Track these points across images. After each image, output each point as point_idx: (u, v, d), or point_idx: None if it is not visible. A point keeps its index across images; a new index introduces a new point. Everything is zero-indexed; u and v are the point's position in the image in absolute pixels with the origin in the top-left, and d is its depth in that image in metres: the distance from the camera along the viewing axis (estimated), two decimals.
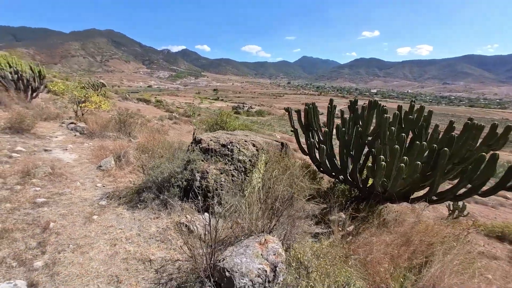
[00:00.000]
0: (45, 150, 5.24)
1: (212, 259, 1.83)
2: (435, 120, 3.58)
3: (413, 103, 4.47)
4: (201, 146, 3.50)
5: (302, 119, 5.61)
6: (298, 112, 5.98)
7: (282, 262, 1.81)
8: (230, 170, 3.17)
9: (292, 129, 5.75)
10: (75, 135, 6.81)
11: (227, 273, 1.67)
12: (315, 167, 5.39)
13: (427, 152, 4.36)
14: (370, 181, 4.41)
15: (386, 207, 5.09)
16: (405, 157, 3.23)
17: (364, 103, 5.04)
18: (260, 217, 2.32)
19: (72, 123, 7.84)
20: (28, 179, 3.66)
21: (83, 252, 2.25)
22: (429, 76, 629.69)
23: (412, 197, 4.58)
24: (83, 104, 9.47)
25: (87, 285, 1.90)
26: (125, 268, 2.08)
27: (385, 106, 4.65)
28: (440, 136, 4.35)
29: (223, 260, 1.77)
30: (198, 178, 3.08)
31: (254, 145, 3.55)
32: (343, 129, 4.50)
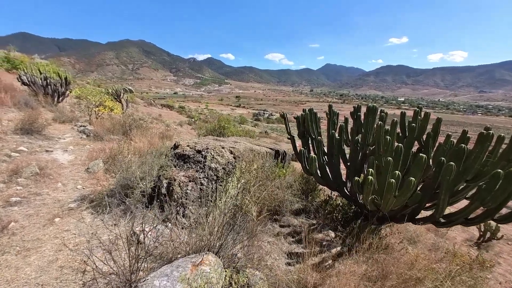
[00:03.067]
0: (47, 151, 5.44)
1: (134, 278, 1.62)
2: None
3: (417, 109, 3.98)
4: (176, 152, 3.35)
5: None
6: (297, 118, 5.67)
7: None
8: (199, 178, 2.97)
9: (289, 136, 5.45)
10: (81, 138, 7.07)
11: None
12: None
13: (433, 166, 3.85)
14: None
15: (390, 226, 4.57)
16: (396, 172, 2.80)
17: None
18: (212, 233, 2.08)
19: (82, 125, 8.19)
20: (15, 178, 3.75)
21: (25, 256, 2.18)
22: (463, 83, 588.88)
23: (418, 217, 4.06)
24: (98, 108, 9.92)
25: None
26: (56, 277, 1.96)
27: (386, 111, 4.22)
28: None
29: (144, 280, 1.56)
30: (165, 185, 2.92)
31: (231, 152, 3.33)
32: (338, 137, 4.13)
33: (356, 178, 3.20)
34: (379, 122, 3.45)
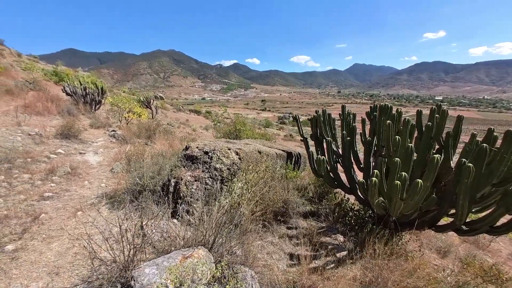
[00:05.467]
0: (80, 153, 6.04)
1: (132, 266, 1.78)
2: None
3: (435, 107, 3.72)
4: (186, 153, 3.55)
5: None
6: (311, 120, 5.60)
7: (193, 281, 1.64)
8: (204, 177, 3.11)
9: (302, 138, 5.41)
10: (111, 141, 7.71)
11: (132, 282, 1.60)
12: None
13: (453, 169, 3.58)
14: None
15: (411, 233, 4.30)
16: (403, 173, 2.66)
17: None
18: (207, 230, 2.18)
19: (113, 130, 8.92)
20: (50, 176, 4.24)
21: (49, 242, 2.49)
22: None
23: (439, 224, 3.78)
24: (127, 114, 10.74)
25: (31, 271, 2.09)
26: (70, 262, 2.23)
27: (400, 110, 4.01)
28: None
29: (138, 268, 1.71)
30: (173, 184, 3.11)
31: (237, 154, 3.43)
32: (348, 138, 4.02)
33: (361, 179, 3.10)
34: (388, 121, 3.31)
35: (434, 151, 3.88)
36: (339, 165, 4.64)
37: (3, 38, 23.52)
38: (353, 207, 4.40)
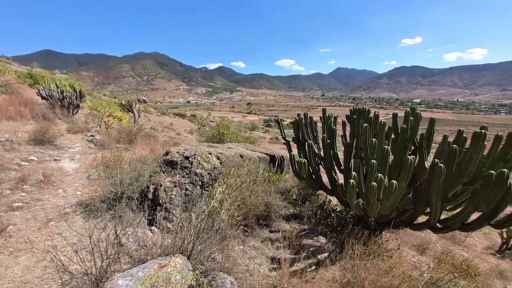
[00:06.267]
0: (55, 160, 5.76)
1: (105, 278, 1.71)
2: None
3: (409, 110, 3.89)
4: (165, 158, 3.48)
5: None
6: (293, 123, 5.67)
7: None
8: (184, 183, 3.06)
9: (284, 141, 5.46)
10: (89, 147, 7.42)
11: None
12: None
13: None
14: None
15: (391, 232, 4.42)
16: (379, 175, 2.75)
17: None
18: (185, 237, 2.14)
19: (91, 135, 8.59)
20: (21, 185, 4.00)
21: (17, 256, 2.34)
22: (483, 82, 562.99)
23: (415, 222, 3.93)
24: (107, 118, 10.38)
25: None
26: (39, 276, 2.11)
27: (378, 113, 4.15)
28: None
29: (111, 279, 1.64)
30: (151, 190, 3.04)
31: (218, 158, 3.41)
32: (329, 141, 4.10)
33: (340, 182, 3.17)
34: (365, 124, 3.42)
35: (410, 152, 4.05)
36: (322, 167, 4.72)
37: None
38: (335, 208, 4.48)
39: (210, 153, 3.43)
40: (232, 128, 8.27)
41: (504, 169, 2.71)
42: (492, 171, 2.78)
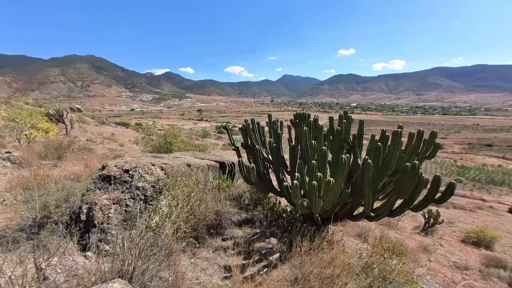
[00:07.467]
0: None
1: None
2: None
3: (342, 114, 4.35)
4: (101, 174, 3.13)
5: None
6: (241, 129, 5.75)
7: None
8: (124, 199, 2.80)
9: (233, 148, 5.49)
10: (4, 166, 6.20)
11: None
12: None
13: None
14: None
15: (338, 225, 4.79)
16: (318, 174, 3.00)
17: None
18: (125, 258, 1.95)
19: (7, 152, 7.21)
20: None
21: None
22: (403, 88, 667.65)
23: (354, 214, 4.34)
24: (29, 131, 8.86)
25: None
26: None
27: (317, 117, 4.51)
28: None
29: None
30: (85, 211, 2.69)
31: (162, 169, 3.23)
32: (275, 145, 4.30)
33: (285, 183, 3.34)
34: (305, 128, 3.68)
35: (346, 151, 4.51)
36: (271, 170, 4.89)
37: None
38: (286, 209, 4.67)
39: (153, 164, 3.22)
40: (182, 136, 7.95)
41: (416, 161, 3.24)
42: (407, 164, 3.29)
